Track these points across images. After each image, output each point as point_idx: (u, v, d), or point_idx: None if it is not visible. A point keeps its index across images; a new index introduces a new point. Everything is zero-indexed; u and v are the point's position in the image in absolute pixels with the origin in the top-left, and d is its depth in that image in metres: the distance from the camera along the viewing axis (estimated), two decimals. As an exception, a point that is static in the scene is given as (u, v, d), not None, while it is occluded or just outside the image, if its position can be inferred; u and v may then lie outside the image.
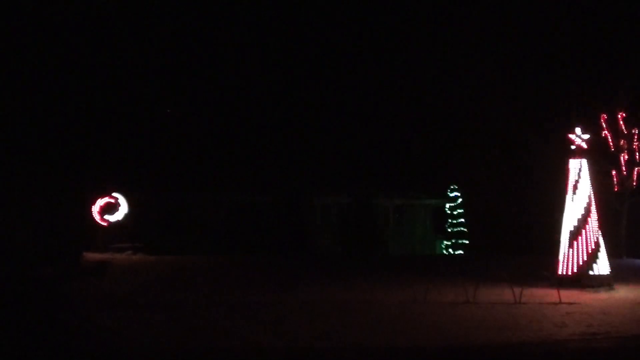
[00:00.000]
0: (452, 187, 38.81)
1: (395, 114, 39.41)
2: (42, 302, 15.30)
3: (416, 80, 38.95)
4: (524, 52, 36.09)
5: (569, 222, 19.33)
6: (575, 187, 19.50)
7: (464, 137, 38.64)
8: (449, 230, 38.55)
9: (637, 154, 33.30)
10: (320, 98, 39.30)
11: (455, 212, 38.69)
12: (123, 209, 32.42)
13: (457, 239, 38.07)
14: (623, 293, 17.93)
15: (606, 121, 33.15)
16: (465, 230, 38.27)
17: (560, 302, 15.65)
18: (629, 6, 33.09)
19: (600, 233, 19.51)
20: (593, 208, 19.43)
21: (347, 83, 39.54)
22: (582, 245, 19.14)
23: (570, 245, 19.18)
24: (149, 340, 11.02)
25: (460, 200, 38.82)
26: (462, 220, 38.58)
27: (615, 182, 33.18)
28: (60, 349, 10.26)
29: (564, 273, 19.08)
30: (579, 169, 19.57)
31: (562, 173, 19.98)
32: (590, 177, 19.76)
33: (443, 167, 38.57)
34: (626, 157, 33.26)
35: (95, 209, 32.41)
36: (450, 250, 38.21)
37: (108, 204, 32.42)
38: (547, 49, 35.25)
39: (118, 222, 32.36)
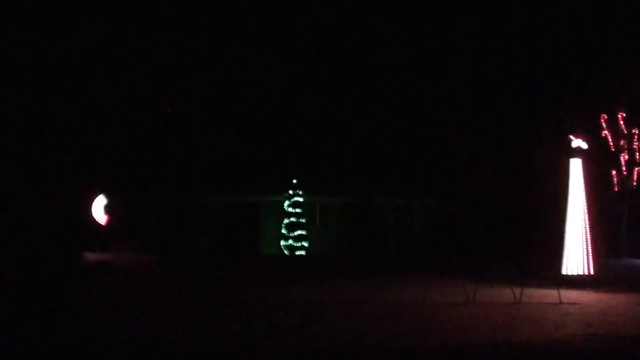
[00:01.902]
0: (449, 185, 38.71)
1: (395, 113, 39.38)
2: (42, 302, 15.29)
3: (414, 79, 38.94)
4: (524, 51, 36.09)
5: (571, 222, 19.40)
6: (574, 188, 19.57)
7: (462, 136, 38.60)
8: (447, 229, 38.44)
9: (637, 154, 33.32)
10: (320, 98, 39.28)
11: (452, 211, 38.63)
12: (122, 208, 32.45)
13: (454, 238, 37.94)
14: (623, 293, 17.92)
15: (606, 121, 33.17)
16: (464, 229, 38.17)
17: (561, 303, 15.65)
18: (629, 6, 33.11)
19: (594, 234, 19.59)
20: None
21: (347, 83, 39.52)
22: (582, 246, 19.24)
23: (571, 246, 19.27)
24: (149, 339, 11.02)
25: (458, 199, 38.75)
26: (461, 219, 38.50)
27: (615, 182, 33.20)
28: (60, 349, 10.25)
29: (565, 273, 19.18)
30: (577, 169, 19.62)
31: (561, 173, 20.01)
32: (590, 177, 19.81)
33: (443, 166, 38.49)
34: (626, 157, 33.28)
35: (94, 208, 32.42)
36: (447, 249, 38.06)
37: (107, 203, 32.45)
38: (547, 49, 35.25)
39: (117, 221, 32.38)
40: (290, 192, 34.15)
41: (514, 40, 35.93)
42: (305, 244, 33.57)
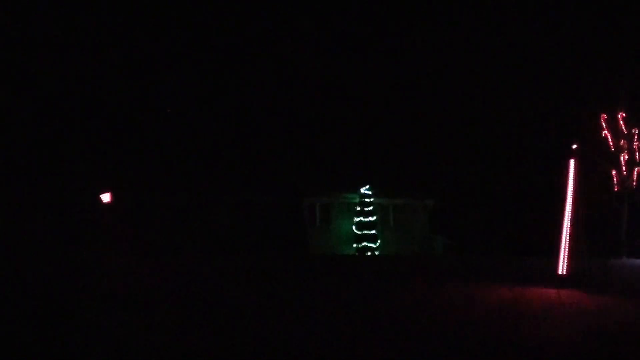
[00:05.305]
0: (448, 186, 38.75)
1: (395, 113, 39.48)
2: (43, 301, 15.32)
3: (415, 79, 39.03)
4: (523, 51, 36.15)
5: (567, 222, 19.43)
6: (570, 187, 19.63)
7: (460, 136, 38.70)
8: (446, 229, 38.48)
9: (637, 154, 33.35)
10: (321, 98, 39.39)
11: (451, 212, 38.66)
12: (123, 208, 32.50)
13: (453, 238, 37.98)
14: (623, 293, 17.94)
15: (606, 121, 33.19)
16: (462, 229, 38.21)
17: (560, 303, 15.67)
18: (630, 5, 33.17)
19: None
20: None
21: (347, 82, 39.59)
22: (581, 246, 19.30)
23: (570, 246, 19.31)
24: (149, 340, 11.04)
25: (456, 199, 38.78)
26: (459, 219, 38.54)
27: (615, 182, 33.23)
28: (62, 349, 10.27)
29: (565, 273, 19.21)
30: (573, 170, 19.69)
31: (559, 173, 20.05)
32: (590, 177, 19.85)
33: (441, 166, 38.58)
34: (626, 157, 33.30)
35: (96, 207, 32.45)
36: (446, 249, 38.09)
37: (110, 203, 32.50)
38: (546, 49, 35.31)
39: (119, 222, 32.42)
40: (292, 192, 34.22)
41: (514, 41, 36.01)
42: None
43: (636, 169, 33.40)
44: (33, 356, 9.87)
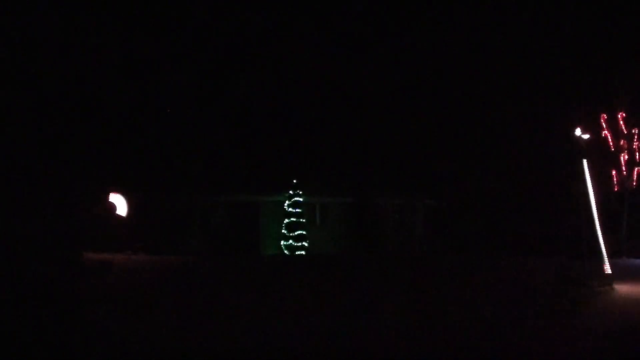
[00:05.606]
0: (449, 186, 38.65)
1: (394, 112, 39.41)
2: (44, 301, 15.30)
3: (414, 78, 38.97)
4: (523, 51, 36.14)
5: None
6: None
7: (462, 135, 38.64)
8: (446, 229, 38.40)
9: (637, 154, 33.33)
10: (320, 97, 39.33)
11: (451, 212, 38.58)
12: (123, 208, 32.43)
13: (453, 238, 37.92)
14: (623, 293, 17.95)
15: (606, 121, 33.18)
16: (463, 229, 38.14)
17: (561, 302, 15.68)
18: (630, 5, 33.17)
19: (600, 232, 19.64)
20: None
21: (346, 82, 39.52)
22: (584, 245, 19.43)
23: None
24: (149, 340, 11.03)
25: (457, 199, 38.67)
26: (460, 219, 38.46)
27: (615, 182, 33.21)
28: (62, 349, 10.27)
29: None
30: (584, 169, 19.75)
31: (561, 173, 20.08)
32: (590, 177, 19.90)
33: (441, 165, 38.49)
34: (626, 157, 33.28)
35: (94, 207, 32.39)
36: (447, 249, 38.01)
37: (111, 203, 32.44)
38: (546, 48, 35.30)
39: (117, 221, 32.35)
40: (291, 192, 34.15)
41: (514, 40, 35.99)
42: (305, 243, 33.58)
43: (636, 169, 33.38)
44: (33, 356, 9.86)
